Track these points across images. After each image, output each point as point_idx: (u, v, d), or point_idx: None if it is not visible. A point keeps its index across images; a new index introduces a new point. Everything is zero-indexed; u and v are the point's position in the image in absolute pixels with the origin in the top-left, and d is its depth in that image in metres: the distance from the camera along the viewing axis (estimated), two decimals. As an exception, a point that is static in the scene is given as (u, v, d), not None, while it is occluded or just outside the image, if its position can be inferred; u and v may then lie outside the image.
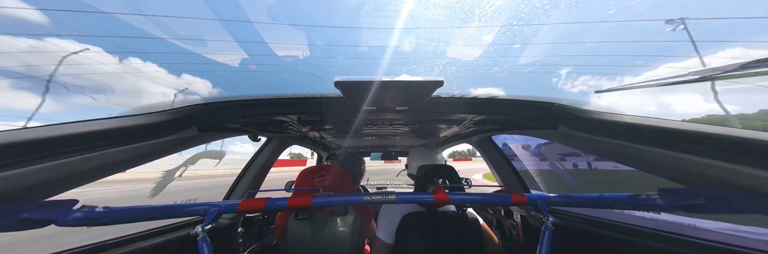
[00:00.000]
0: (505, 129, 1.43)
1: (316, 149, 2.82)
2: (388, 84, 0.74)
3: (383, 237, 1.20)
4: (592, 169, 4.55)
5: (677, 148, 0.63)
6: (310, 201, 0.77)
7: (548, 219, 0.74)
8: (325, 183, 1.29)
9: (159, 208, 0.75)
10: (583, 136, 0.88)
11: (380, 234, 1.21)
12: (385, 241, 1.18)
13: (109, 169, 0.76)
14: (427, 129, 1.82)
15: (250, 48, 31.89)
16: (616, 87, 0.80)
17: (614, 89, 0.81)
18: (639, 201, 0.71)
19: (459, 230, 1.18)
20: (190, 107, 0.87)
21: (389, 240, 1.19)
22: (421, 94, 0.82)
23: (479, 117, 1.24)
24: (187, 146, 1.01)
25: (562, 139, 1.03)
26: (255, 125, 1.24)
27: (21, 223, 0.61)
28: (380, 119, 1.39)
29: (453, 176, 1.33)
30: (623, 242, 0.94)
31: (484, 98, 1.00)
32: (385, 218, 1.24)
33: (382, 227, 1.22)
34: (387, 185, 3.56)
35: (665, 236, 0.86)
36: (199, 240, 0.69)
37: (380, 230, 1.22)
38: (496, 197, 0.82)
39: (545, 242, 0.72)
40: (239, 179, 1.67)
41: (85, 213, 0.68)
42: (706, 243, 0.77)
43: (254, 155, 1.78)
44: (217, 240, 1.31)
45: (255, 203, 0.78)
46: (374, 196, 0.78)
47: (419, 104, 0.91)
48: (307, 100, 0.97)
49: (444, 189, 0.85)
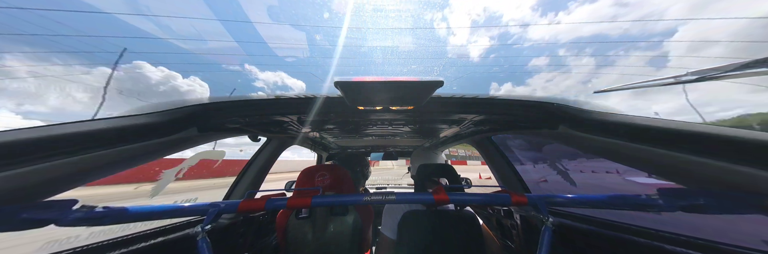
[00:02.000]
0: (505, 129, 1.43)
1: (316, 149, 2.82)
2: (388, 84, 0.74)
3: (387, 233, 1.27)
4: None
5: (677, 148, 0.63)
6: (310, 200, 0.77)
7: (548, 219, 0.74)
8: (325, 183, 1.29)
9: (159, 208, 0.75)
10: (583, 136, 0.88)
11: (384, 230, 1.29)
12: (389, 237, 1.26)
13: (109, 169, 0.76)
14: (427, 129, 1.82)
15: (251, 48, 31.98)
16: (615, 87, 0.80)
17: (613, 89, 0.81)
18: (639, 201, 0.71)
19: (458, 227, 1.21)
20: (190, 107, 0.87)
21: (392, 235, 1.25)
22: (421, 94, 0.82)
23: (479, 117, 1.24)
24: (187, 146, 1.01)
25: (562, 139, 1.03)
26: (255, 125, 1.24)
27: (21, 223, 0.60)
28: (380, 119, 1.39)
29: (453, 175, 1.34)
30: (623, 242, 0.94)
31: (484, 98, 1.00)
32: (388, 215, 1.31)
33: (386, 223, 1.29)
34: (387, 186, 3.56)
35: (665, 236, 0.86)
36: (199, 240, 0.69)
37: (384, 226, 1.30)
38: (496, 197, 0.82)
39: (545, 242, 0.71)
40: (239, 180, 1.67)
41: (85, 213, 0.68)
42: (706, 243, 0.77)
43: (254, 156, 1.78)
44: (217, 240, 1.31)
45: (255, 203, 0.78)
46: (374, 196, 0.78)
47: (419, 104, 0.91)
48: (307, 100, 0.96)
49: (444, 189, 0.85)
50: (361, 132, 1.92)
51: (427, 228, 1.21)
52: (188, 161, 1.64)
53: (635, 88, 0.76)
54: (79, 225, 0.66)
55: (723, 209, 0.60)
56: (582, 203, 0.79)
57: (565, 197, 0.81)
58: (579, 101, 0.91)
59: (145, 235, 1.03)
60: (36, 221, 0.62)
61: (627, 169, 0.84)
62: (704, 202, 0.62)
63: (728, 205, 0.59)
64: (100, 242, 0.91)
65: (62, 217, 0.65)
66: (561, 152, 1.66)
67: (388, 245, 1.25)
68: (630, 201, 0.72)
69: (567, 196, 0.81)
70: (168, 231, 1.12)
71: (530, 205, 0.79)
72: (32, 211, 0.62)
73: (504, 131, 1.47)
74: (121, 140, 0.72)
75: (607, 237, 1.00)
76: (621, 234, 0.97)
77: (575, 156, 1.67)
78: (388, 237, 1.26)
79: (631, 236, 0.93)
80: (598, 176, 1.55)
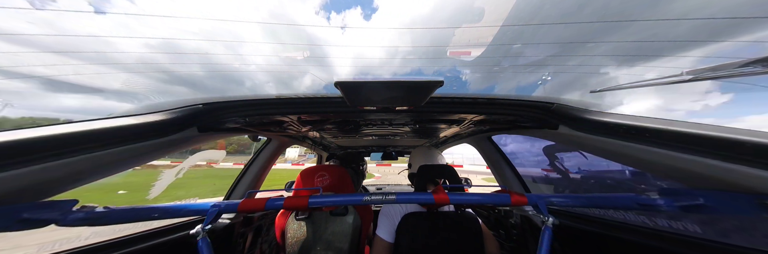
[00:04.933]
0: (506, 129, 1.43)
1: (316, 149, 2.82)
2: (388, 84, 0.74)
3: (383, 235, 1.21)
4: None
5: (677, 148, 0.63)
6: (309, 201, 0.77)
7: (548, 219, 0.74)
8: (325, 183, 1.29)
9: (159, 208, 0.75)
10: (583, 136, 0.88)
11: (380, 233, 1.22)
12: (386, 240, 1.20)
13: (110, 169, 0.76)
14: (427, 129, 1.82)
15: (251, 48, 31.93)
16: (612, 87, 0.80)
17: (610, 89, 0.81)
18: (639, 201, 0.71)
19: (459, 230, 1.19)
20: (190, 107, 0.87)
21: (389, 238, 1.20)
22: (421, 94, 0.82)
23: (479, 117, 1.24)
24: (187, 146, 1.01)
25: (563, 139, 1.03)
26: (255, 125, 1.24)
27: (21, 223, 0.60)
28: (380, 119, 1.39)
29: (453, 176, 1.34)
30: (623, 242, 0.94)
31: (484, 98, 1.00)
32: (386, 217, 1.25)
33: (383, 225, 1.23)
34: (386, 186, 3.56)
35: (665, 236, 0.86)
36: (199, 240, 0.69)
37: (380, 228, 1.23)
38: (496, 197, 0.82)
39: (545, 242, 0.71)
40: (239, 180, 1.67)
41: (85, 213, 0.68)
42: (706, 243, 0.77)
43: (254, 155, 1.78)
44: (217, 240, 1.31)
45: (255, 203, 0.78)
46: (374, 196, 0.78)
47: (419, 104, 0.91)
48: (307, 100, 0.96)
49: (444, 190, 0.85)
50: (361, 132, 1.92)
51: (427, 231, 1.17)
52: (188, 161, 1.63)
53: (632, 88, 0.76)
54: (79, 225, 0.66)
55: (723, 209, 0.60)
56: (582, 203, 0.79)
57: (565, 196, 0.81)
58: (579, 101, 0.91)
59: (146, 235, 1.03)
60: (36, 221, 0.62)
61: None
62: (704, 202, 0.62)
63: (728, 205, 0.59)
64: (101, 242, 0.91)
65: (62, 217, 0.65)
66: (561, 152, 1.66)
67: (383, 248, 1.19)
68: (630, 201, 0.72)
69: (567, 196, 0.81)
70: (168, 231, 1.12)
71: (530, 205, 0.79)
72: (32, 211, 0.62)
73: (504, 131, 1.47)
74: (121, 140, 0.72)
75: (607, 237, 1.00)
76: (621, 234, 0.97)
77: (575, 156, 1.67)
78: (384, 240, 1.20)
79: (631, 236, 0.93)
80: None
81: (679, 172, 0.67)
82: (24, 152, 0.57)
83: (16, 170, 0.56)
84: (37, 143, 0.58)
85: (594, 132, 0.83)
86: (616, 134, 0.76)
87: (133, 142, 0.75)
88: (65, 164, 0.63)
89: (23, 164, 0.57)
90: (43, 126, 0.62)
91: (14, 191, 0.58)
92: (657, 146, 0.67)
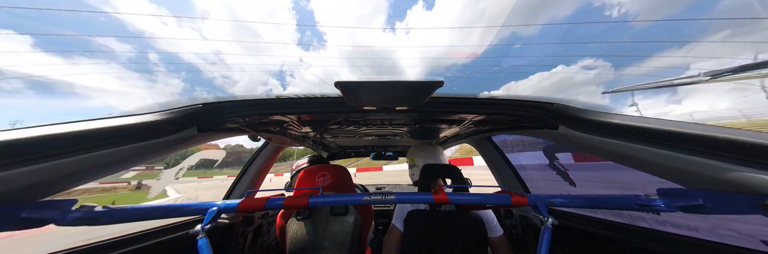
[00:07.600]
0: (506, 129, 1.43)
1: (316, 149, 2.82)
2: (388, 84, 0.74)
3: (397, 224, 1.32)
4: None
5: (677, 148, 0.63)
6: (308, 200, 0.77)
7: (548, 220, 0.74)
8: (325, 183, 1.29)
9: (158, 208, 0.75)
10: (583, 136, 0.88)
11: (395, 221, 1.34)
12: (399, 229, 1.29)
13: (109, 169, 0.76)
14: (427, 129, 1.82)
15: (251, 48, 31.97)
16: (623, 88, 0.79)
17: (623, 90, 0.80)
18: (639, 201, 0.71)
19: (460, 228, 1.21)
20: (190, 107, 0.87)
21: (401, 228, 1.29)
22: (420, 94, 0.82)
23: (479, 117, 1.24)
24: (187, 146, 1.01)
25: (563, 139, 1.03)
26: (255, 125, 1.24)
27: (21, 223, 0.61)
28: (380, 120, 1.39)
29: (456, 175, 1.34)
30: (623, 242, 0.94)
31: (484, 98, 1.00)
32: (400, 208, 1.37)
33: (397, 215, 1.35)
34: (386, 185, 3.56)
35: (665, 236, 0.86)
36: (199, 239, 0.69)
37: (396, 217, 1.35)
38: (496, 197, 0.82)
39: (545, 242, 0.71)
40: (239, 180, 1.67)
41: (84, 212, 0.69)
42: (706, 243, 0.77)
43: (254, 155, 1.77)
44: (217, 239, 1.31)
45: (254, 202, 0.78)
46: (374, 196, 0.78)
47: (419, 105, 0.91)
48: (307, 100, 0.96)
49: (444, 189, 0.85)
50: (361, 132, 1.92)
51: (429, 228, 1.22)
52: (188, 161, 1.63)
53: (647, 89, 0.75)
54: (78, 224, 0.66)
55: (723, 209, 0.60)
56: (582, 203, 0.79)
57: (565, 197, 0.81)
58: (580, 101, 0.91)
59: (145, 235, 1.03)
60: (36, 221, 0.62)
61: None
62: (704, 202, 0.62)
63: (728, 205, 0.59)
64: (101, 242, 0.92)
65: (62, 217, 0.65)
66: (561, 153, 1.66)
67: (396, 236, 1.28)
68: (630, 201, 0.72)
69: (567, 196, 0.81)
70: (168, 230, 1.12)
71: (530, 205, 0.79)
72: (32, 211, 0.62)
73: (504, 131, 1.47)
74: (121, 140, 0.72)
75: (607, 237, 1.00)
76: (621, 234, 0.97)
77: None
78: (398, 229, 1.30)
79: (631, 236, 0.93)
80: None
81: (679, 172, 0.67)
82: (24, 152, 0.57)
83: (15, 170, 0.56)
84: (37, 143, 0.58)
85: (594, 132, 0.83)
86: (616, 134, 0.76)
87: (133, 142, 0.75)
88: (65, 164, 0.63)
89: (23, 164, 0.57)
90: (43, 126, 0.62)
91: (14, 191, 0.58)
92: (657, 146, 0.67)
